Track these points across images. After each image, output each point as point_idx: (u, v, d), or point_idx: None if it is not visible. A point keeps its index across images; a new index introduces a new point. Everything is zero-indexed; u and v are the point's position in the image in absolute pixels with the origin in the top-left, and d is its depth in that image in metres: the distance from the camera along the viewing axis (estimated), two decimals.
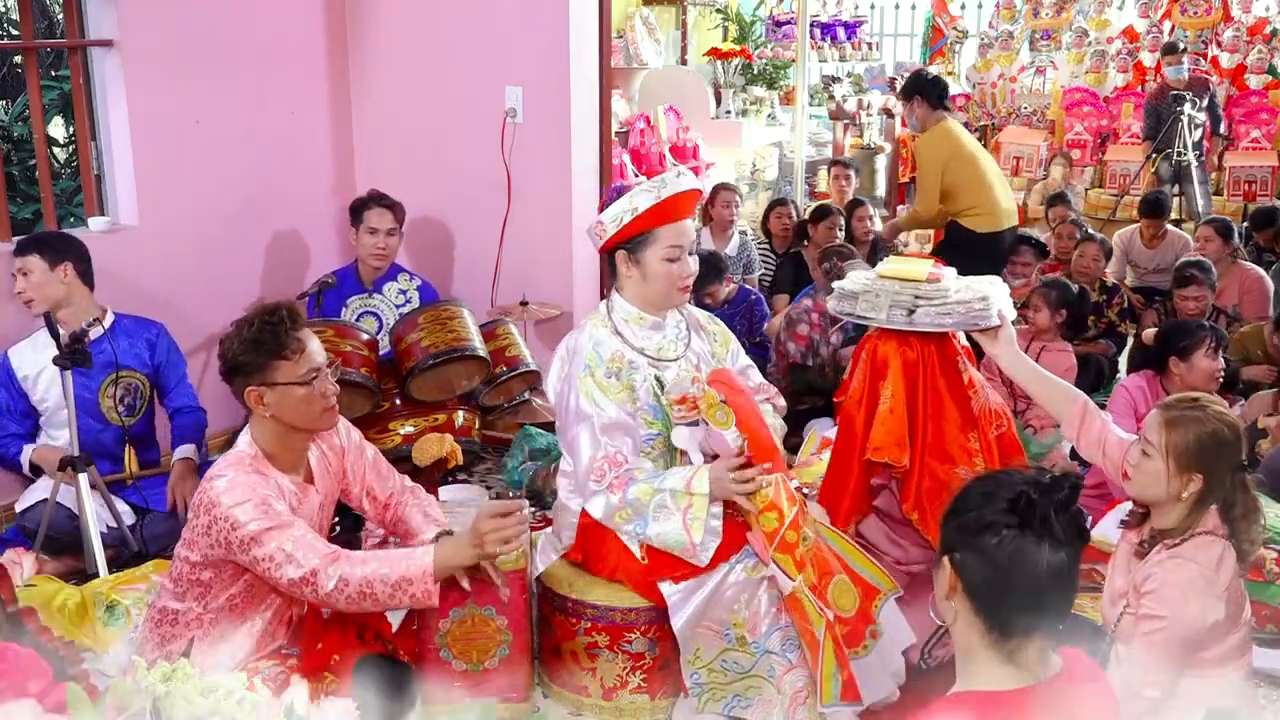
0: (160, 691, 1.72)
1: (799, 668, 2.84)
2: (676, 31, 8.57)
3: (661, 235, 2.96)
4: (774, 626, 2.84)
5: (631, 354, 3.01)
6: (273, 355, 2.57)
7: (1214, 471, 2.53)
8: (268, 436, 2.64)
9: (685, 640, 2.86)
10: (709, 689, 2.89)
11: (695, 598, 2.85)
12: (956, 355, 3.28)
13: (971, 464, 3.22)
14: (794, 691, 2.84)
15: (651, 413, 2.99)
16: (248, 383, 2.59)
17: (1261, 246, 7.07)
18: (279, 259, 5.16)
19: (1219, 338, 4.14)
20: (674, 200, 2.95)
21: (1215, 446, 2.53)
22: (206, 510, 2.52)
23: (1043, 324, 4.99)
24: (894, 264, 3.23)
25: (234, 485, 2.52)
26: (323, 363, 2.65)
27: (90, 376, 3.82)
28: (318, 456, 2.77)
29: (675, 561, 2.87)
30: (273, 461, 2.64)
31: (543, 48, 4.93)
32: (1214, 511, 2.56)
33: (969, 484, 1.82)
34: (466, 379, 4.37)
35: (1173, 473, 2.54)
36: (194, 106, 4.67)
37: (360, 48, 5.34)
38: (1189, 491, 2.54)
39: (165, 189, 4.60)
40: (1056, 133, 10.15)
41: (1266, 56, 9.80)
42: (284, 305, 2.65)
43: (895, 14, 12.30)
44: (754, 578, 2.84)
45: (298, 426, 2.64)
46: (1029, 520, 1.68)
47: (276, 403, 2.59)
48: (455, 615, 2.95)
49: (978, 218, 5.95)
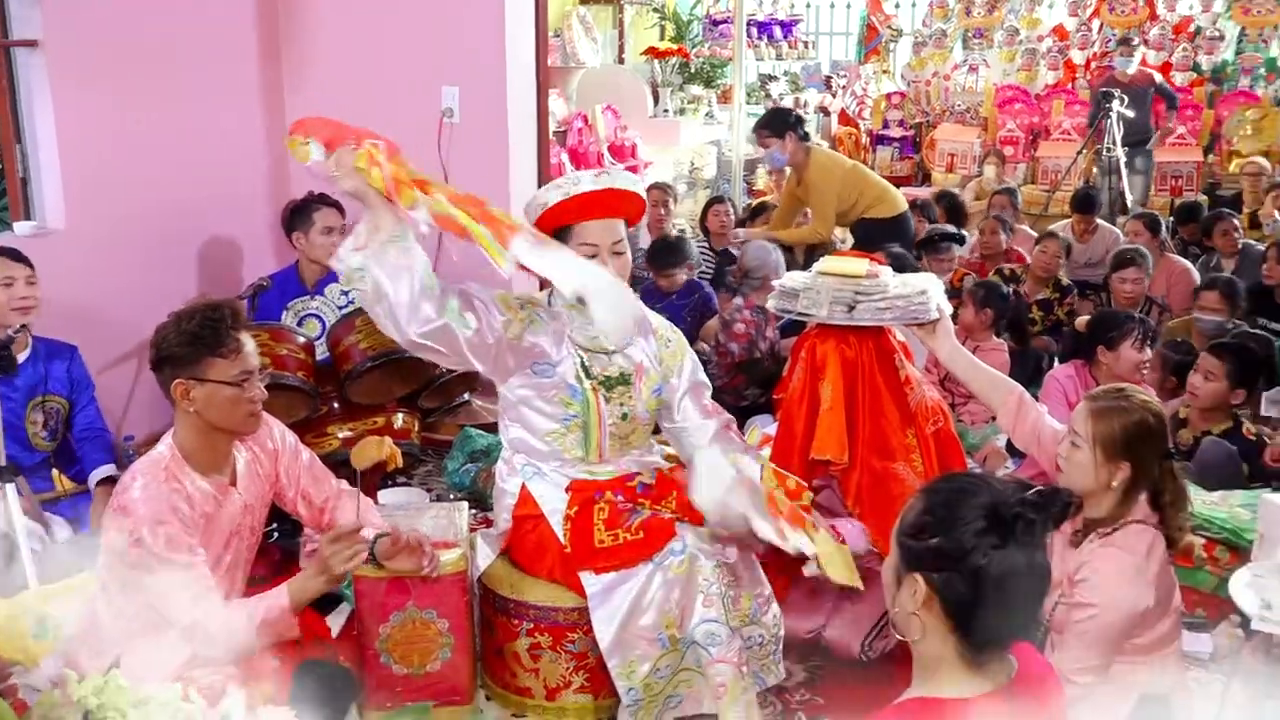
0: (92, 705, 1.69)
1: (722, 663, 2.81)
2: (614, 30, 8.58)
3: (577, 232, 2.94)
4: (701, 620, 2.81)
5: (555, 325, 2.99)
6: (208, 351, 2.54)
7: (1141, 460, 2.58)
8: (189, 433, 2.60)
9: (613, 650, 2.82)
10: (644, 703, 2.85)
11: (619, 595, 2.82)
12: (894, 352, 3.32)
13: (910, 460, 3.26)
14: (716, 684, 2.81)
15: (571, 393, 2.99)
16: (176, 375, 2.55)
17: (1187, 240, 7.23)
18: (213, 262, 5.08)
19: (1147, 329, 4.23)
20: (589, 198, 2.92)
21: (1141, 435, 2.58)
22: (117, 516, 2.49)
23: (968, 320, 5.07)
24: (832, 262, 3.26)
25: (148, 498, 2.49)
26: (256, 367, 2.62)
27: (16, 401, 3.74)
28: (247, 460, 2.74)
29: (598, 552, 2.87)
30: (192, 461, 2.60)
31: (479, 47, 4.91)
32: (1144, 500, 2.62)
33: (928, 498, 1.72)
34: (405, 381, 4.34)
35: (1101, 462, 2.59)
36: (123, 108, 4.59)
37: (293, 48, 5.28)
38: (1118, 480, 2.59)
39: (93, 192, 4.52)
40: (990, 130, 10.30)
41: (1191, 54, 10.03)
42: (227, 303, 2.63)
43: (830, 13, 12.40)
44: (681, 575, 2.81)
45: (220, 427, 2.61)
46: (1014, 536, 1.62)
47: (203, 399, 2.55)
48: (396, 619, 2.93)
49: (882, 205, 6.25)
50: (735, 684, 2.81)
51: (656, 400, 3.11)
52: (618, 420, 3.04)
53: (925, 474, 3.24)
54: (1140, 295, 5.64)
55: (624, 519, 2.91)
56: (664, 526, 2.88)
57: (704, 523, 2.93)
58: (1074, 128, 9.76)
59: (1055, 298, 6.21)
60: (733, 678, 2.80)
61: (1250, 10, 10.05)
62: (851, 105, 11.08)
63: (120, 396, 4.54)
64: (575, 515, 2.95)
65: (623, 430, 3.06)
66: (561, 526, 2.95)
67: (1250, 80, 9.90)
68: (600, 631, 2.82)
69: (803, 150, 6.24)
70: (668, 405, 3.16)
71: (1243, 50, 10.12)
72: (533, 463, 3.06)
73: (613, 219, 2.98)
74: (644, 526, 2.88)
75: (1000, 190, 8.07)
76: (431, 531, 3.05)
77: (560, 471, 3.04)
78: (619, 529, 2.89)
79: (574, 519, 2.95)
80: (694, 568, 2.82)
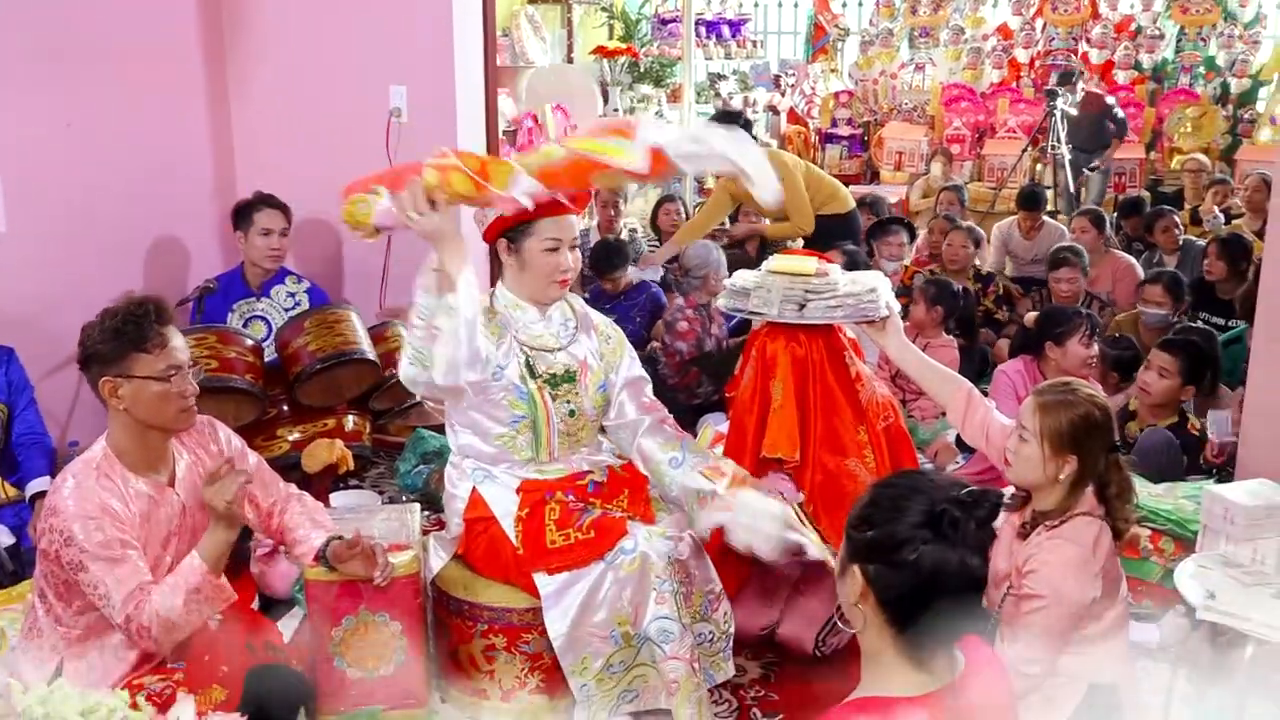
0: (38, 714, 1.66)
1: (675, 659, 2.84)
2: (562, 30, 8.54)
3: (541, 227, 2.96)
4: (654, 617, 2.84)
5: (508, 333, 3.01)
6: (132, 347, 2.50)
7: (1088, 452, 2.62)
8: (121, 432, 2.56)
9: (566, 648, 2.85)
10: (598, 697, 2.89)
11: (571, 595, 2.84)
12: (844, 349, 3.34)
13: (861, 456, 3.29)
14: (669, 680, 2.85)
15: (517, 394, 2.99)
16: (103, 372, 2.51)
17: (1131, 235, 7.34)
18: (158, 264, 5.01)
19: (1093, 324, 4.30)
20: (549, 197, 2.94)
21: (1087, 428, 2.62)
22: (48, 517, 2.45)
23: (919, 317, 5.12)
24: (782, 260, 3.28)
25: (79, 494, 2.45)
26: (184, 361, 2.58)
27: None
28: (189, 462, 2.69)
29: (550, 553, 2.87)
30: (125, 460, 2.55)
31: (427, 46, 4.88)
32: (1090, 493, 2.65)
33: (877, 492, 1.75)
34: (356, 383, 4.31)
35: (1048, 456, 2.62)
36: (64, 107, 4.51)
37: (238, 46, 5.21)
38: (1065, 473, 2.62)
39: (34, 193, 4.43)
40: (936, 128, 10.39)
41: (1133, 53, 10.18)
42: (152, 299, 2.59)
43: (779, 12, 12.44)
44: (633, 573, 2.83)
45: (152, 424, 2.56)
46: (945, 533, 1.64)
47: (131, 396, 2.51)
48: (348, 623, 2.90)
49: (834, 201, 6.36)
50: (687, 681, 2.85)
51: (602, 396, 3.12)
52: (565, 417, 3.05)
53: (878, 470, 3.27)
54: (1077, 293, 5.75)
55: (575, 518, 2.92)
56: (615, 525, 2.89)
57: (656, 522, 2.97)
58: (1019, 126, 9.88)
59: (978, 288, 6.23)
60: (685, 674, 2.84)
61: (1189, 9, 10.22)
62: (800, 104, 11.13)
63: (64, 401, 4.46)
64: (526, 517, 2.95)
65: (571, 428, 3.08)
66: (513, 529, 2.95)
67: (1190, 78, 10.07)
68: (553, 630, 2.84)
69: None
70: (609, 401, 3.17)
71: (1182, 49, 10.28)
72: (482, 466, 3.05)
73: (569, 215, 3.01)
74: (595, 526, 2.89)
75: (947, 187, 8.14)
76: (383, 534, 3.03)
77: (510, 473, 3.04)
78: (570, 529, 2.90)
79: (525, 520, 2.95)
80: (645, 565, 2.84)
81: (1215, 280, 5.77)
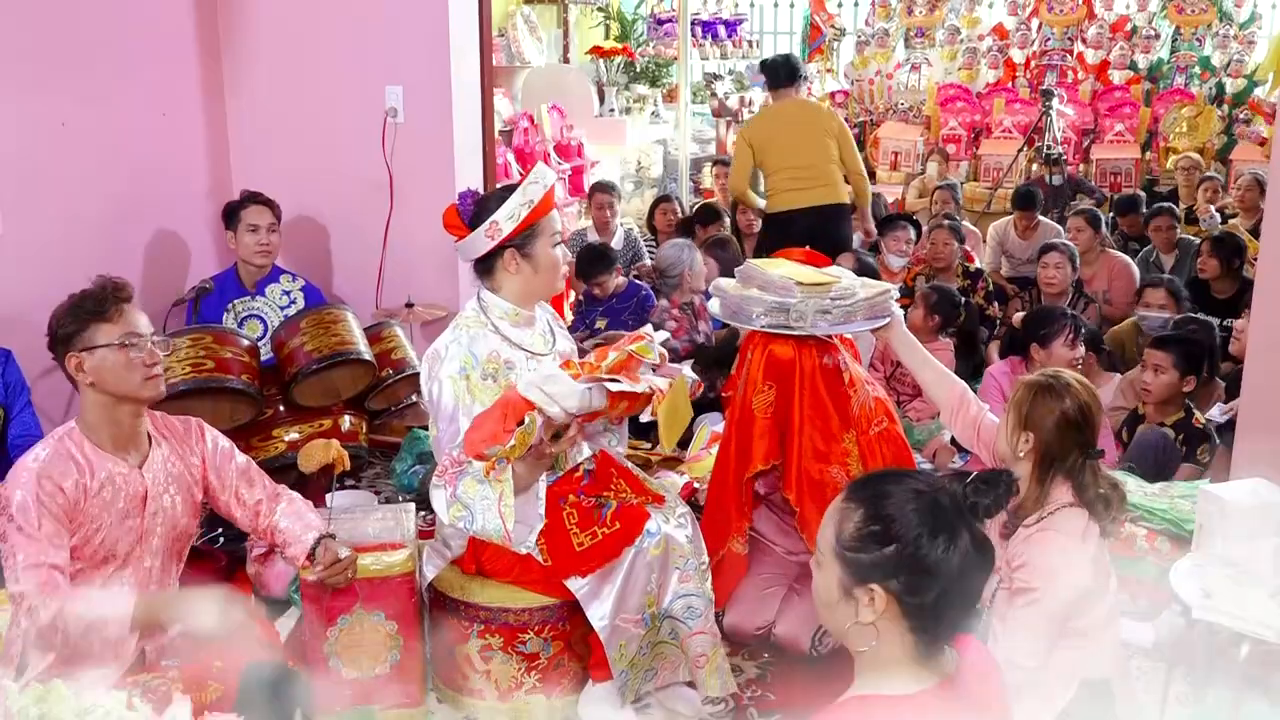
0: (33, 715, 1.66)
1: (701, 634, 2.96)
2: (558, 30, 8.55)
3: (545, 225, 3.01)
4: (678, 594, 2.94)
5: (510, 351, 3.00)
6: (91, 317, 2.52)
7: (1041, 428, 2.64)
8: (91, 408, 2.56)
9: (611, 639, 2.88)
10: (631, 682, 2.95)
11: (608, 587, 2.88)
12: (838, 352, 3.34)
13: (845, 464, 3.29)
14: (696, 655, 2.96)
15: None
16: (68, 350, 2.53)
17: (1127, 234, 7.35)
18: (154, 265, 5.00)
19: (1078, 327, 4.32)
20: (552, 189, 3.04)
21: (1034, 396, 2.67)
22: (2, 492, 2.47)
23: (915, 322, 5.13)
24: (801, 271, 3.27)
25: (41, 459, 2.46)
26: (146, 332, 2.58)
27: None
28: (165, 454, 2.67)
29: (578, 559, 2.88)
30: (94, 437, 2.55)
31: (423, 47, 4.88)
32: (1068, 488, 2.66)
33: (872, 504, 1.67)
34: (352, 383, 4.30)
35: (1013, 425, 2.69)
36: (60, 108, 4.50)
37: (234, 47, 5.21)
38: (1023, 450, 2.66)
39: (30, 194, 4.43)
40: (932, 128, 10.38)
41: (1128, 52, 10.19)
42: (113, 279, 2.62)
43: (774, 12, 12.44)
44: (658, 555, 2.91)
45: (118, 394, 2.55)
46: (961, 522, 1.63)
47: (94, 367, 2.51)
48: (343, 623, 2.90)
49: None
50: (715, 652, 3.00)
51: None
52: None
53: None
54: (1065, 282, 5.79)
55: (596, 515, 2.95)
56: (637, 512, 2.95)
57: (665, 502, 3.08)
58: (1014, 125, 9.88)
59: (967, 285, 6.17)
60: (711, 646, 2.99)
61: (1184, 10, 10.22)
62: None
63: (60, 402, 4.45)
64: (545, 530, 2.92)
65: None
66: (536, 549, 2.93)
67: (1185, 78, 10.07)
68: (597, 624, 2.87)
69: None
70: None
71: (1178, 49, 10.29)
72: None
73: (556, 209, 3.10)
74: (617, 516, 2.93)
75: (942, 185, 8.14)
76: (379, 533, 3.03)
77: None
78: (595, 526, 2.93)
79: (545, 533, 2.93)
80: (670, 547, 2.93)
81: (1209, 278, 5.80)
